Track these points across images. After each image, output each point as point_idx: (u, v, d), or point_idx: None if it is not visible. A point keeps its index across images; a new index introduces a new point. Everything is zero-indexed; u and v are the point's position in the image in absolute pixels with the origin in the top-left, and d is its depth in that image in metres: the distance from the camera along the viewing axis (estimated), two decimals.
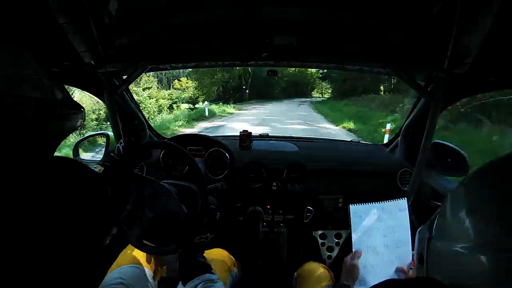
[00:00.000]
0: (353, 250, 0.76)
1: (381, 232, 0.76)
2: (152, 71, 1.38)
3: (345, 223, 1.30)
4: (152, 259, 0.95)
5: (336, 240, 1.34)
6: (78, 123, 0.44)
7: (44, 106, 0.39)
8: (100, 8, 0.75)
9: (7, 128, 0.36)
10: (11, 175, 0.37)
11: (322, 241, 1.34)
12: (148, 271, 0.91)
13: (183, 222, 0.86)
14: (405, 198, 0.79)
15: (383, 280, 0.73)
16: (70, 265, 0.38)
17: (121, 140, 0.92)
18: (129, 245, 0.94)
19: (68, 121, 0.43)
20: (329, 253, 1.33)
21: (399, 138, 1.38)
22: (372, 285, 0.72)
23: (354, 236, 0.76)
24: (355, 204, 0.78)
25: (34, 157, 0.39)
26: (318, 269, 0.94)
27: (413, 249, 0.76)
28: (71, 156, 1.35)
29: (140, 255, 0.92)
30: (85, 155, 1.40)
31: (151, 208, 0.87)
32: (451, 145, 1.20)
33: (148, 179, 0.91)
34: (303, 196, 1.28)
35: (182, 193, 0.94)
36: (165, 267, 1.00)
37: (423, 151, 1.02)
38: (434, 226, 0.36)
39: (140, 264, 0.90)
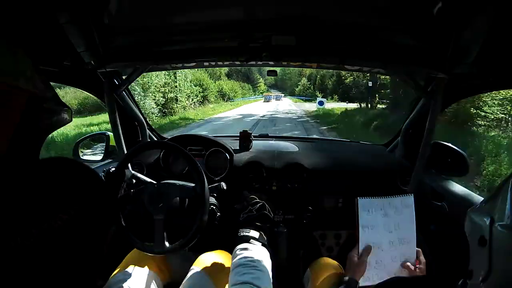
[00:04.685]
0: (360, 245, 0.76)
1: (387, 228, 0.76)
2: (152, 71, 1.39)
3: (345, 223, 1.31)
4: (159, 261, 0.95)
5: (336, 240, 1.34)
6: (65, 120, 0.46)
7: (35, 99, 0.40)
8: (100, 8, 0.75)
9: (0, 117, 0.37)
10: (4, 169, 0.37)
11: (322, 241, 1.34)
12: (154, 273, 0.91)
13: (192, 195, 0.88)
14: (412, 195, 0.78)
15: (387, 276, 0.74)
16: (72, 267, 0.38)
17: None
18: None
19: (56, 116, 0.44)
20: (329, 253, 1.33)
21: (399, 138, 1.38)
22: (375, 281, 0.73)
23: (361, 231, 0.76)
24: (363, 198, 0.77)
25: (24, 149, 0.41)
26: (332, 264, 0.95)
27: (417, 246, 0.77)
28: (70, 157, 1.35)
29: (146, 258, 0.92)
30: (85, 155, 1.40)
31: (158, 210, 0.88)
32: (451, 145, 1.20)
33: (145, 183, 0.91)
34: (303, 196, 1.28)
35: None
36: (171, 269, 1.00)
37: (423, 151, 1.02)
38: (497, 207, 0.38)
39: (145, 266, 0.90)
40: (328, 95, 27.03)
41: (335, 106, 18.90)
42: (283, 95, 33.93)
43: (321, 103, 17.83)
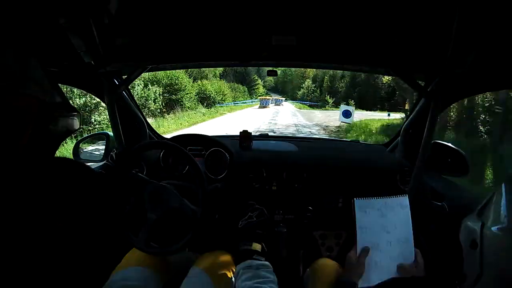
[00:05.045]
0: (358, 246, 0.76)
1: (384, 228, 0.76)
2: (152, 71, 1.39)
3: (345, 223, 1.31)
4: (158, 261, 0.95)
5: (336, 240, 1.34)
6: (76, 126, 0.45)
7: (46, 107, 0.40)
8: (100, 8, 0.75)
9: (11, 126, 0.37)
10: (15, 175, 0.37)
11: (322, 241, 1.34)
12: (154, 273, 0.91)
13: (189, 216, 0.87)
14: (406, 195, 0.79)
15: (386, 277, 0.73)
16: (73, 266, 0.38)
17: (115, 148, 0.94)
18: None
19: (67, 123, 0.44)
20: (329, 253, 1.33)
21: (399, 138, 1.38)
22: (374, 282, 0.72)
23: (358, 232, 0.76)
24: (360, 199, 0.78)
25: (37, 157, 0.40)
26: (331, 265, 0.94)
27: (417, 246, 0.76)
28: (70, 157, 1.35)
29: (146, 257, 0.92)
30: (85, 155, 1.40)
31: (154, 210, 0.88)
32: (451, 145, 1.21)
33: (146, 182, 0.91)
34: (303, 196, 1.28)
35: (183, 193, 0.94)
36: (170, 269, 1.00)
37: (423, 151, 1.02)
38: (489, 213, 0.39)
39: (145, 266, 0.90)
40: (340, 100, 23.00)
41: (362, 117, 13.02)
42: (283, 99, 28.32)
43: (347, 114, 10.98)
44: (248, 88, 30.84)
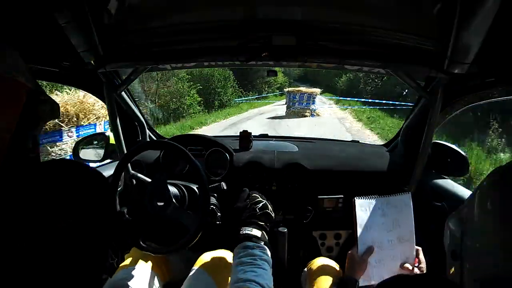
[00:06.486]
0: (359, 245, 0.76)
1: (385, 227, 0.76)
2: (152, 71, 1.39)
3: (345, 223, 1.31)
4: (159, 261, 0.95)
5: (336, 241, 1.34)
6: (57, 112, 0.48)
7: (33, 92, 0.43)
8: (100, 8, 0.75)
9: (7, 106, 0.40)
10: (9, 166, 0.38)
11: (321, 241, 1.33)
12: (154, 273, 0.91)
13: (193, 198, 0.89)
14: (409, 193, 0.79)
15: (388, 276, 0.73)
16: (73, 267, 0.38)
17: None
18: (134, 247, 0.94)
19: (50, 107, 0.47)
20: (328, 253, 1.33)
21: (399, 138, 1.37)
22: (375, 280, 0.73)
23: (359, 231, 0.76)
24: (360, 198, 0.77)
25: (27, 140, 0.43)
26: (329, 264, 0.94)
27: (416, 245, 0.76)
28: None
29: (146, 257, 0.92)
30: (84, 156, 1.40)
31: (157, 210, 0.88)
32: (451, 145, 1.20)
33: (145, 183, 0.91)
34: (303, 196, 1.28)
35: (183, 193, 0.94)
36: (171, 269, 1.00)
37: (423, 151, 1.02)
38: (466, 221, 0.35)
39: (146, 266, 0.90)
40: None
41: None
42: (319, 91, 11.18)
43: None
44: (248, 84, 16.58)
